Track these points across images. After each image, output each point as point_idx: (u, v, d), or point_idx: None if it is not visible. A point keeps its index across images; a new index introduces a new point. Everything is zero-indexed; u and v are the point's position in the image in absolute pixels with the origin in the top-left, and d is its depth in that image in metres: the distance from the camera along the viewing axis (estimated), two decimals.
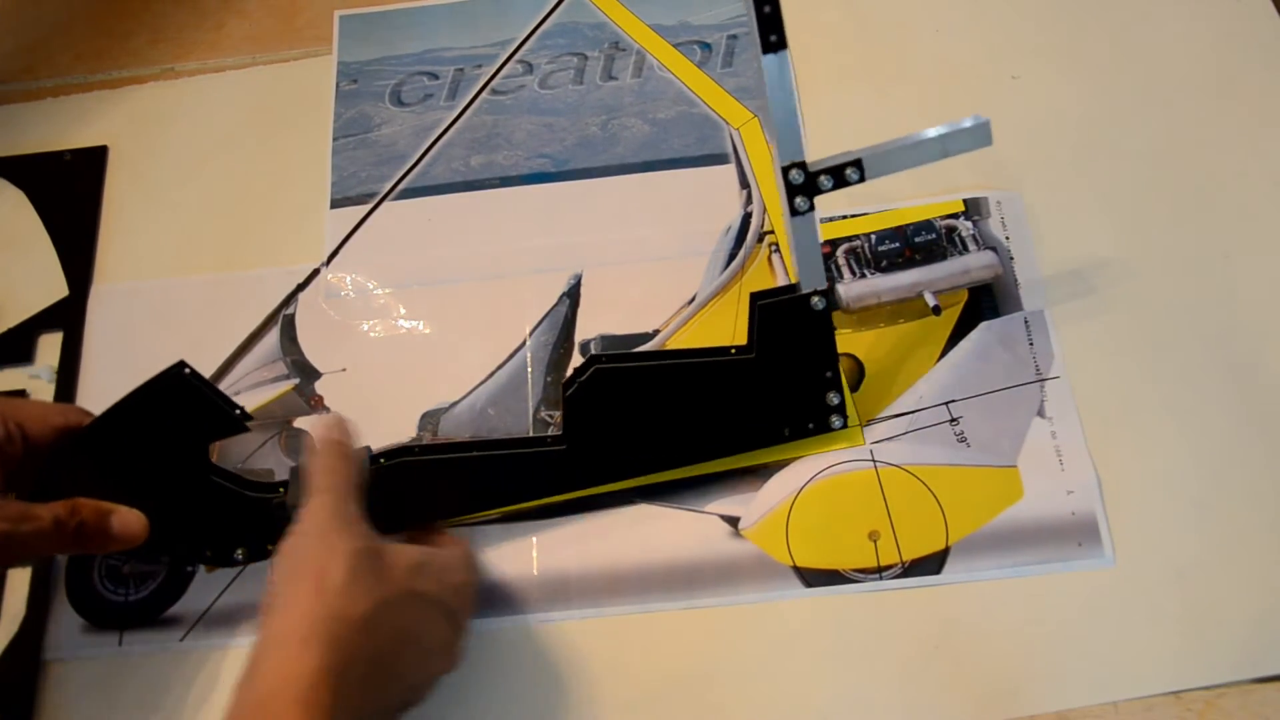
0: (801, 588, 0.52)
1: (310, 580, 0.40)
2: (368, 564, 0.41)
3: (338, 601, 0.39)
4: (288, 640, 0.38)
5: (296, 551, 0.42)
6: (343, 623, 0.39)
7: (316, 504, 0.44)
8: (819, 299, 0.49)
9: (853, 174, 0.47)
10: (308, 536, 0.42)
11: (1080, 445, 0.54)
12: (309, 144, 0.67)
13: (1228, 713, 0.48)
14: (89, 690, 0.53)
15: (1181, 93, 0.64)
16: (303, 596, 0.40)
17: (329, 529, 0.42)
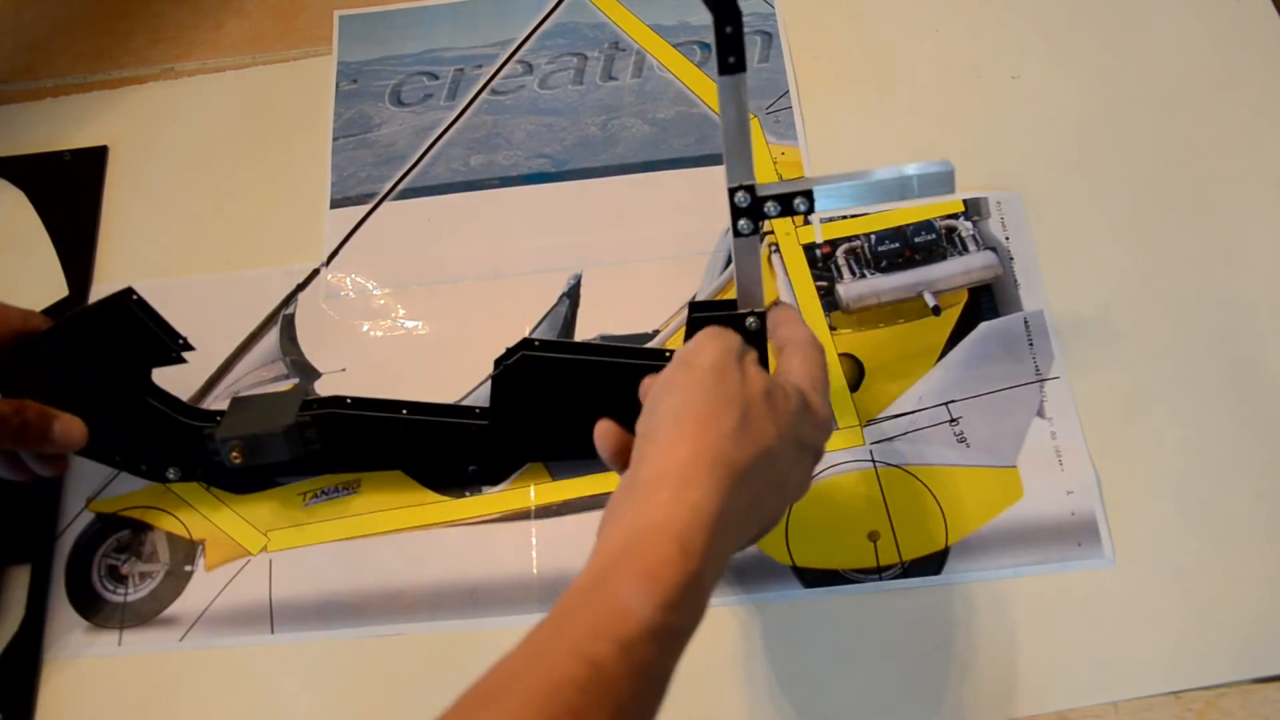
0: (801, 588, 0.52)
1: (699, 420, 0.38)
2: (758, 410, 0.39)
3: (726, 446, 0.38)
4: (670, 479, 0.37)
5: (689, 386, 0.40)
6: (727, 468, 0.37)
7: (715, 337, 0.42)
8: (754, 320, 0.47)
9: (801, 204, 0.45)
10: (700, 370, 0.40)
11: (1080, 445, 0.54)
12: (309, 144, 0.67)
13: (1228, 713, 0.48)
14: (89, 690, 0.53)
15: (1181, 93, 0.64)
16: (689, 435, 0.38)
17: (725, 366, 0.40)
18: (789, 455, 0.41)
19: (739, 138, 0.44)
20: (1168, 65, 0.65)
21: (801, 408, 0.42)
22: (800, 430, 0.41)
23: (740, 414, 0.39)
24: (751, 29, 0.68)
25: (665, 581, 0.34)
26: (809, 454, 0.43)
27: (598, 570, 0.36)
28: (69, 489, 0.58)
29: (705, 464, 0.37)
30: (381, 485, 0.57)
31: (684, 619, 0.35)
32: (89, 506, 0.57)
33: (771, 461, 0.39)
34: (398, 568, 0.54)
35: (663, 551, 0.35)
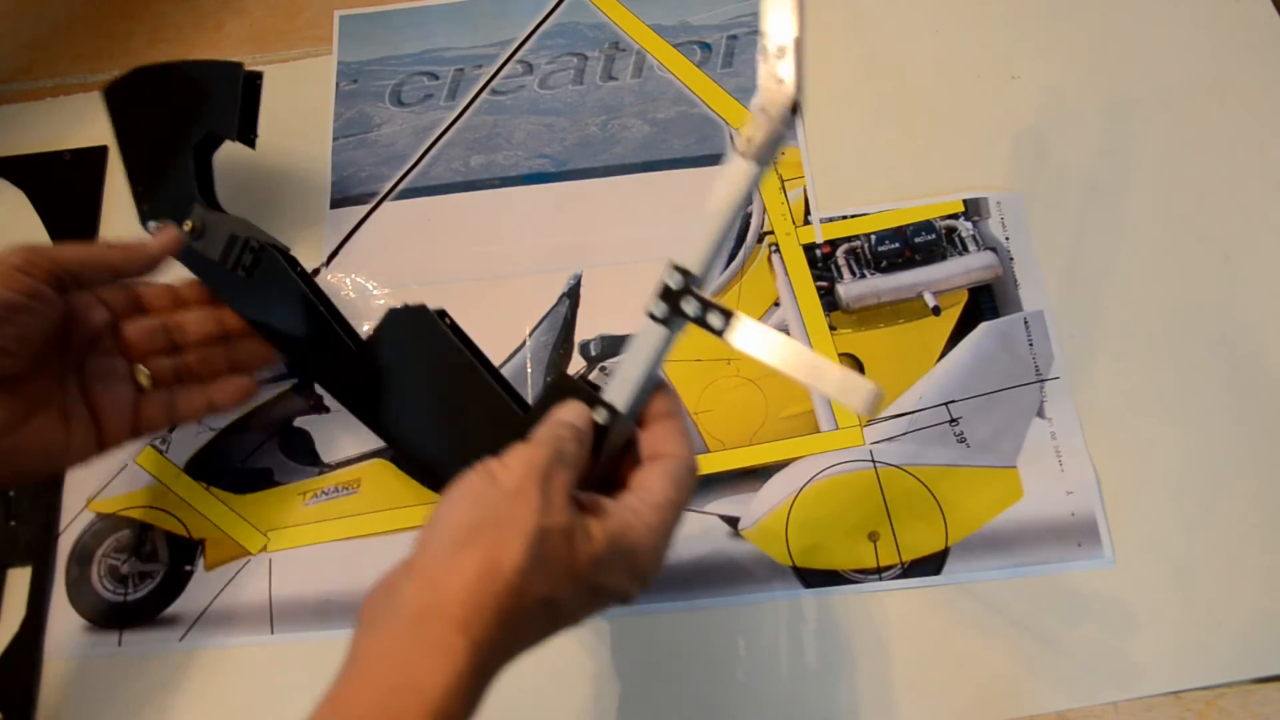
0: (801, 588, 0.52)
1: (482, 554, 0.34)
2: (550, 549, 0.35)
3: (505, 590, 0.34)
4: (438, 619, 0.33)
5: (482, 503, 0.36)
6: (502, 619, 0.34)
7: (523, 455, 0.37)
8: (605, 414, 0.42)
9: (716, 322, 0.41)
10: (494, 486, 0.36)
11: (1080, 445, 0.54)
12: (309, 144, 0.67)
13: (1228, 713, 0.48)
14: (89, 690, 0.53)
15: (1181, 93, 0.64)
16: (469, 565, 0.34)
17: (525, 491, 0.36)
18: (578, 602, 0.37)
19: (721, 225, 0.42)
20: (1168, 66, 0.65)
21: (611, 555, 0.37)
22: (601, 578, 0.37)
23: (531, 552, 0.34)
24: (751, 29, 0.68)
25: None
26: (609, 600, 0.38)
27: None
28: (69, 489, 0.58)
29: (478, 608, 0.33)
30: (381, 485, 0.57)
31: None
32: (89, 506, 0.57)
33: (555, 609, 0.36)
34: None
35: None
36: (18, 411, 0.42)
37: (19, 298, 0.41)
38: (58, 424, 0.44)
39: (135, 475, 0.58)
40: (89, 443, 0.46)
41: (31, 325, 0.42)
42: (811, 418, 0.56)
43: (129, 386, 0.47)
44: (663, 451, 0.41)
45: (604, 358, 0.59)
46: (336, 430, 0.58)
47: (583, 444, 0.40)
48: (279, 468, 0.57)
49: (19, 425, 0.42)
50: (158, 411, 0.48)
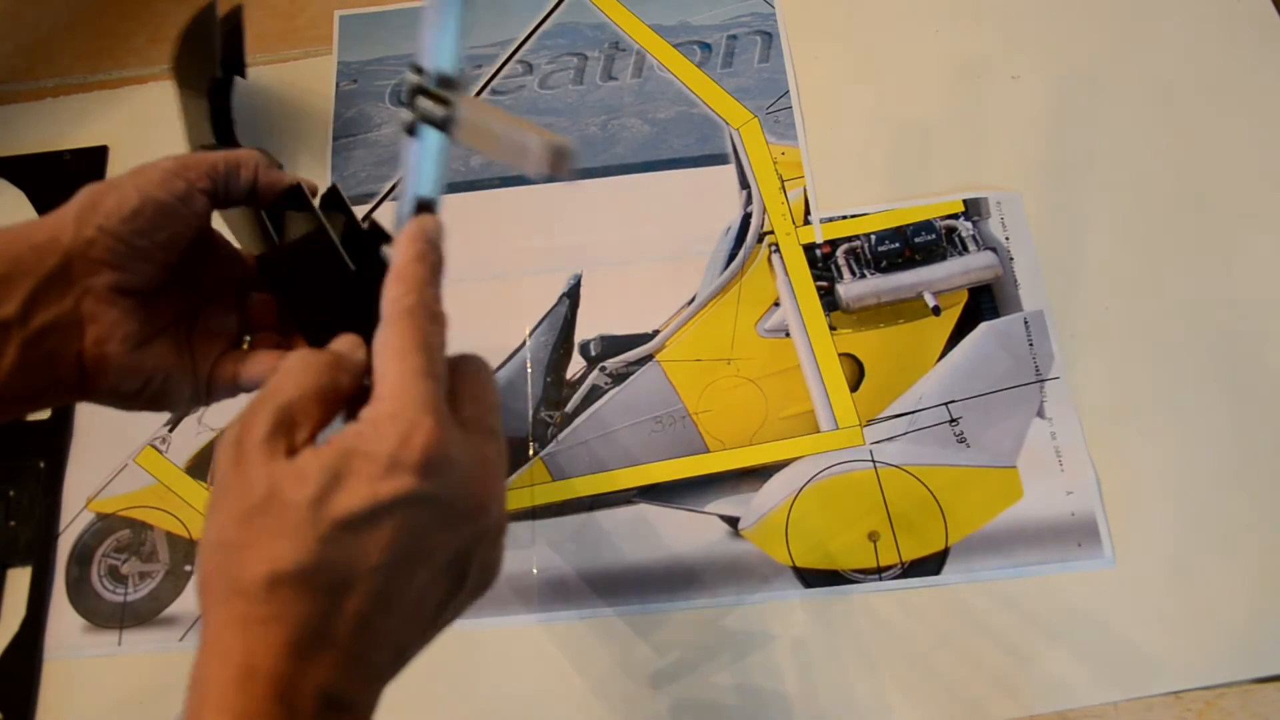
0: (801, 588, 0.52)
1: (209, 579, 0.30)
2: (257, 526, 0.29)
3: (235, 601, 0.29)
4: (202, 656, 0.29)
5: (204, 528, 0.31)
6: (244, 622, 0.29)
7: (221, 441, 0.32)
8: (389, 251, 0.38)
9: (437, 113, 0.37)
10: (210, 502, 0.31)
11: (1080, 445, 0.54)
12: (309, 144, 0.67)
13: (1228, 713, 0.48)
14: (89, 690, 0.53)
15: (1181, 93, 0.64)
16: (208, 602, 0.30)
17: (223, 484, 0.31)
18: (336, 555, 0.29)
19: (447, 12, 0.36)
20: (1168, 65, 0.65)
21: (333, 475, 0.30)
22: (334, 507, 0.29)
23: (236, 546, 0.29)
24: (751, 29, 0.68)
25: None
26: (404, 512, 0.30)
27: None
28: (69, 489, 0.58)
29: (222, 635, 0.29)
30: None
31: None
32: (89, 506, 0.57)
33: (293, 582, 0.29)
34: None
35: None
36: (147, 326, 0.40)
37: (172, 200, 0.40)
38: (174, 354, 0.41)
39: (135, 475, 0.58)
40: (186, 386, 0.42)
41: (179, 234, 0.40)
42: (811, 418, 0.56)
43: (223, 344, 0.44)
44: (384, 313, 0.35)
45: (604, 358, 0.59)
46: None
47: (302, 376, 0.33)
48: None
49: (145, 342, 0.40)
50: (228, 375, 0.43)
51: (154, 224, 0.39)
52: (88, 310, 0.38)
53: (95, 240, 0.38)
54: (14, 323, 0.37)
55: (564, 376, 0.59)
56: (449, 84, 0.36)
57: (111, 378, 0.39)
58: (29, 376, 0.37)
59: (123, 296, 0.39)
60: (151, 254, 0.39)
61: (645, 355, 0.59)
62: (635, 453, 0.56)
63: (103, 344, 0.38)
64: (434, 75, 0.36)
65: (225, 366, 0.43)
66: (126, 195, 0.39)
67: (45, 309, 0.37)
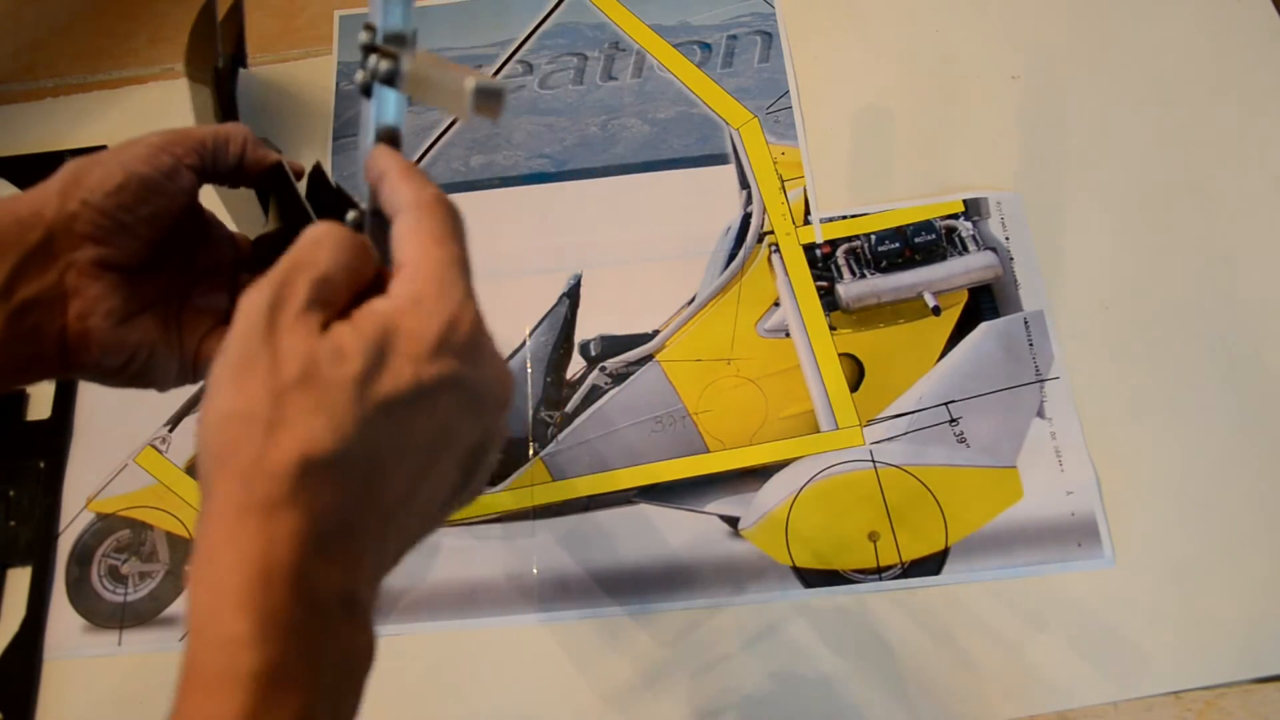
0: (801, 588, 0.52)
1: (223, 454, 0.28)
2: (292, 404, 0.27)
3: (255, 480, 0.27)
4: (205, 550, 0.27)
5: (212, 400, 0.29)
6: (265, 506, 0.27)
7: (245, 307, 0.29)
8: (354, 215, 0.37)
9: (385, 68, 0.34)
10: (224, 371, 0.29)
11: (1080, 445, 0.54)
12: (309, 144, 0.67)
13: (1228, 713, 0.48)
14: (89, 690, 0.53)
15: (1181, 93, 0.64)
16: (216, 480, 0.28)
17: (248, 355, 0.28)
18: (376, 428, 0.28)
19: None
20: (1167, 65, 0.65)
21: (377, 357, 0.29)
22: (377, 388, 0.28)
23: (264, 424, 0.27)
24: (751, 29, 0.68)
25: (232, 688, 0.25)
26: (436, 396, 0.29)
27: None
28: (69, 489, 0.58)
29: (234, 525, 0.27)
30: None
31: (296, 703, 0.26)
32: (89, 506, 0.57)
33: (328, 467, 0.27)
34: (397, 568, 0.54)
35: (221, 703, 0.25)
36: (131, 301, 0.39)
37: (157, 175, 0.39)
38: (159, 330, 0.40)
39: (135, 475, 0.58)
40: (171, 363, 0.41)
41: (165, 209, 0.40)
42: (811, 418, 0.56)
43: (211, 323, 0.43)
44: (398, 206, 0.33)
45: (604, 358, 0.59)
46: None
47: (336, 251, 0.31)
48: None
49: (130, 318, 0.39)
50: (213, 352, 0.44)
51: (138, 199, 0.39)
52: (71, 285, 0.38)
53: (79, 214, 0.38)
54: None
55: (564, 376, 0.59)
56: (399, 40, 0.35)
57: (95, 353, 0.39)
58: (12, 350, 0.37)
59: (107, 271, 0.38)
60: (136, 229, 0.39)
61: (645, 355, 0.59)
62: (635, 453, 0.56)
63: (86, 318, 0.38)
64: (383, 33, 0.35)
65: (213, 343, 0.42)
66: (111, 170, 0.39)
67: (28, 283, 0.37)
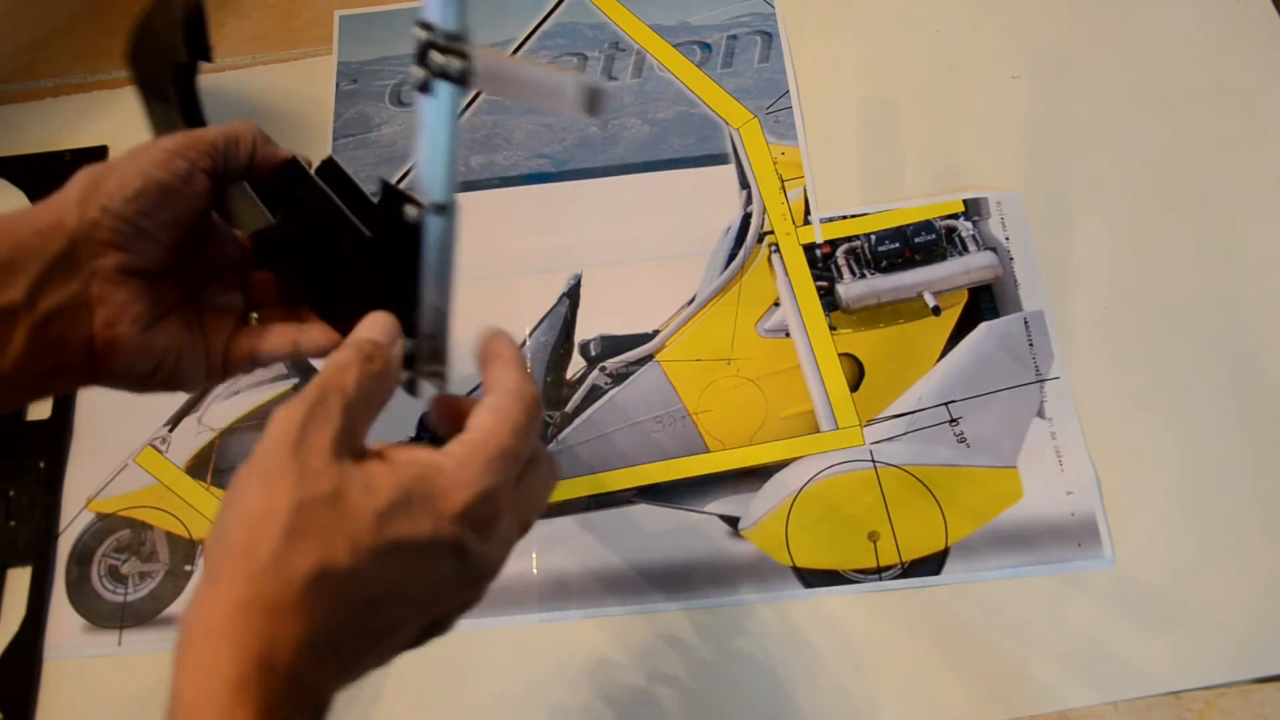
0: (801, 588, 0.52)
1: (237, 549, 0.30)
2: (311, 520, 0.30)
3: (262, 580, 0.29)
4: (200, 639, 0.29)
5: (234, 500, 0.31)
6: (266, 609, 0.29)
7: (276, 421, 0.32)
8: (413, 211, 0.37)
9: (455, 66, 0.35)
10: (251, 474, 0.32)
11: (1080, 445, 0.54)
12: (309, 144, 0.67)
13: (1228, 713, 0.48)
14: (89, 690, 0.53)
15: (1181, 93, 0.64)
16: (226, 573, 0.30)
17: (276, 465, 0.31)
18: (376, 566, 0.31)
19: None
20: (1168, 65, 0.65)
21: (403, 502, 0.31)
22: (393, 529, 0.31)
23: (285, 530, 0.30)
24: (751, 29, 0.68)
25: None
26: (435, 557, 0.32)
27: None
28: (69, 489, 0.58)
29: (243, 605, 0.29)
30: None
31: None
32: (89, 506, 0.57)
33: (332, 583, 0.30)
34: None
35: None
36: (156, 306, 0.40)
37: (174, 180, 0.39)
38: (184, 333, 0.41)
39: (135, 475, 0.58)
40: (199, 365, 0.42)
41: (182, 213, 0.40)
42: (811, 418, 0.56)
43: (233, 322, 0.43)
44: (490, 387, 0.36)
45: (604, 357, 0.59)
46: None
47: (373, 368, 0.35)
48: None
49: (155, 322, 0.40)
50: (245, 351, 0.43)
51: (157, 204, 0.39)
52: (96, 293, 0.38)
53: (100, 222, 0.38)
54: (21, 307, 0.36)
55: (564, 376, 0.59)
56: (458, 37, 0.36)
57: (124, 360, 0.39)
58: (38, 361, 0.37)
59: (130, 278, 0.39)
60: (156, 234, 0.39)
61: (645, 355, 0.59)
62: (635, 453, 0.56)
63: (113, 326, 0.38)
64: (443, 31, 0.36)
65: (240, 342, 0.43)
66: (129, 176, 0.38)
67: (52, 293, 0.37)
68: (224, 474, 0.57)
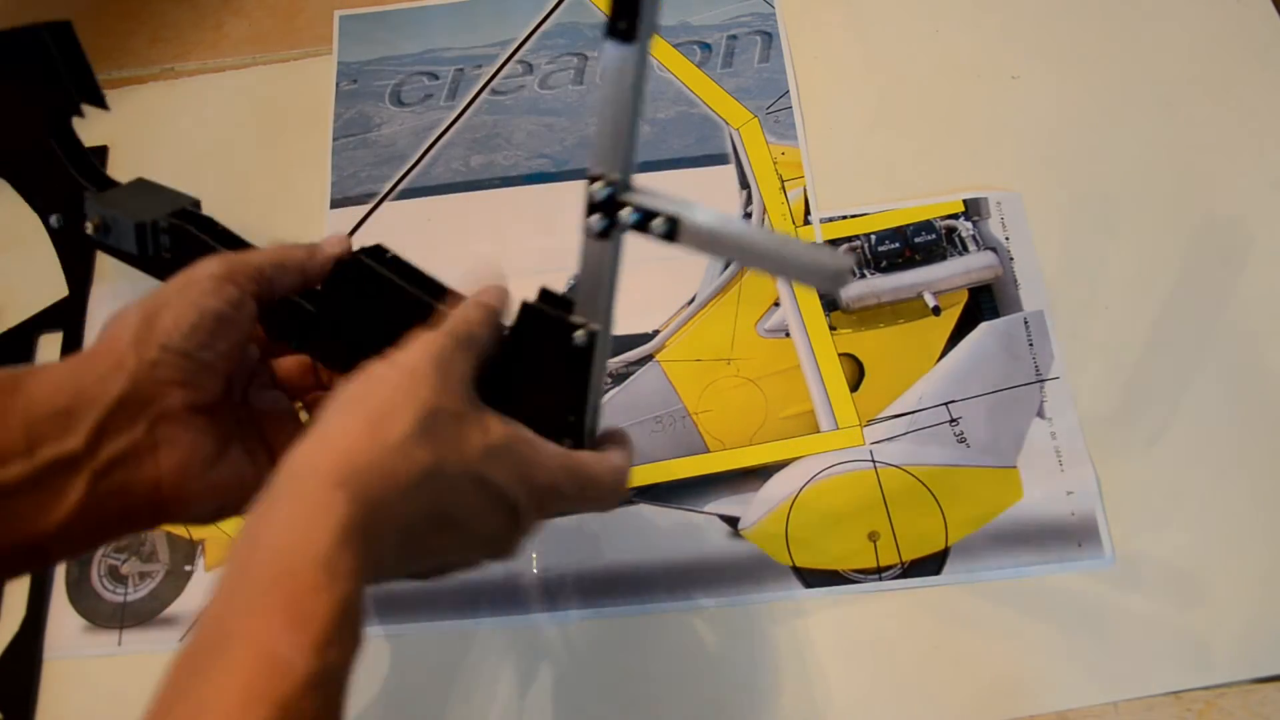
0: (801, 588, 0.52)
1: (367, 417, 0.33)
2: (440, 425, 0.34)
3: (388, 454, 0.32)
4: (315, 481, 0.31)
5: (369, 379, 0.35)
6: (385, 479, 0.32)
7: (424, 340, 0.36)
8: (583, 335, 0.41)
9: (659, 227, 0.39)
10: (392, 368, 0.35)
11: (1080, 445, 0.54)
12: (309, 144, 0.67)
13: (1228, 713, 0.48)
14: (89, 690, 0.53)
15: (1181, 93, 0.64)
16: (350, 432, 0.33)
17: (421, 371, 0.35)
18: (465, 490, 0.35)
19: (618, 120, 0.40)
20: (1168, 65, 0.65)
21: (504, 452, 0.36)
22: (489, 469, 0.35)
23: (419, 423, 0.33)
24: (751, 29, 0.68)
25: (317, 619, 0.29)
26: (501, 507, 0.36)
27: (239, 602, 0.30)
28: None
29: (362, 467, 0.32)
30: None
31: (343, 654, 0.30)
32: None
33: (441, 486, 0.34)
34: None
35: (308, 579, 0.29)
36: (220, 440, 0.39)
37: (228, 308, 0.38)
38: (248, 464, 0.40)
39: None
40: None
41: (236, 341, 0.39)
42: (811, 418, 0.56)
43: (295, 423, 0.44)
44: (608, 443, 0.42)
45: None
46: None
47: (494, 329, 0.40)
48: None
49: (219, 456, 0.39)
50: None
51: (215, 335, 0.38)
52: (163, 435, 0.37)
53: (160, 361, 0.37)
54: (82, 455, 0.35)
55: None
56: (627, 186, 0.40)
57: (191, 503, 0.38)
58: (98, 510, 0.36)
59: (196, 415, 0.38)
60: (216, 366, 0.39)
61: (645, 355, 0.59)
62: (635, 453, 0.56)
63: (182, 468, 0.37)
64: (622, 181, 0.40)
65: None
66: (183, 310, 0.38)
67: (115, 438, 0.36)
68: None
